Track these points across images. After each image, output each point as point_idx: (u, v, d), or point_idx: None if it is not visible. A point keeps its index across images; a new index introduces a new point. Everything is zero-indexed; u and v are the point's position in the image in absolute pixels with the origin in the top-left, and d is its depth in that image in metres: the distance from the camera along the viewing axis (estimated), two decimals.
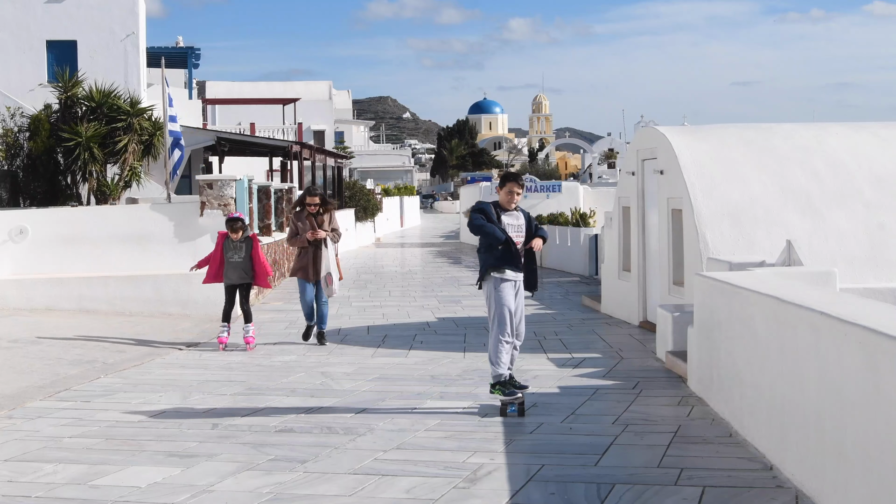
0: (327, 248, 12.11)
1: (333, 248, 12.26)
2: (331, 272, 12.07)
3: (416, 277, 24.33)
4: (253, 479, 6.21)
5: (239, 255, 12.18)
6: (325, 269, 12.07)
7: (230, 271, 12.26)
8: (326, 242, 12.14)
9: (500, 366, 8.08)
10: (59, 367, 10.61)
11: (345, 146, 65.22)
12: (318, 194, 12.40)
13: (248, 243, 12.26)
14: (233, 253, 12.23)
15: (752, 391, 6.83)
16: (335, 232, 12.37)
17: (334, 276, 12.11)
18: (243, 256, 12.20)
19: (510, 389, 8.09)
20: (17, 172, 21.44)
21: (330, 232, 12.25)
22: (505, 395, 8.06)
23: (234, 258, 12.22)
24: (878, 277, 11.03)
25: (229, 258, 12.24)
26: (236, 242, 12.22)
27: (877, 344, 4.62)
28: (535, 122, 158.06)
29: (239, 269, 12.23)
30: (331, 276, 12.05)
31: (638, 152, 14.19)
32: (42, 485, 6.16)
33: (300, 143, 33.90)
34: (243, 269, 12.24)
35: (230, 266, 12.25)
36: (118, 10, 27.75)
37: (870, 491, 4.72)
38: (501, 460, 6.57)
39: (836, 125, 13.63)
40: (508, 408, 8.02)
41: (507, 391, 8.09)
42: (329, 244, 12.16)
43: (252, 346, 12.14)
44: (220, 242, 12.37)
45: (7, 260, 16.26)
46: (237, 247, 12.23)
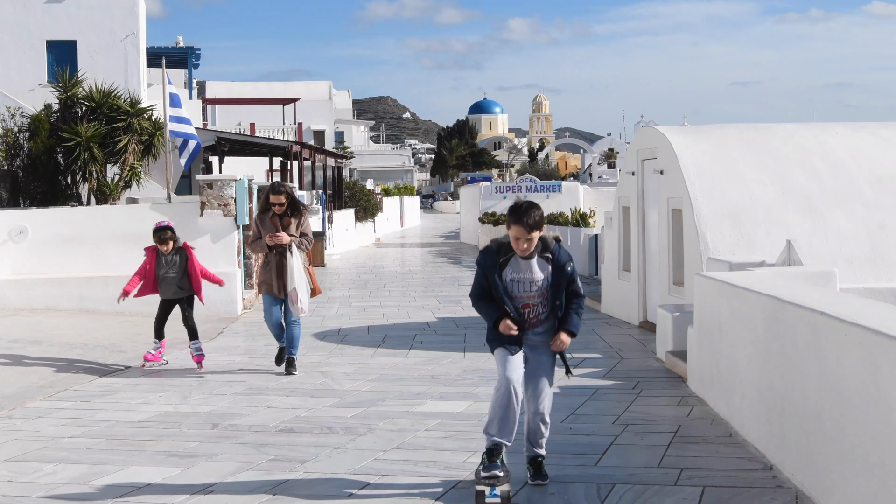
0: (292, 255, 10.05)
1: (301, 257, 10.22)
2: (297, 287, 10.04)
3: (416, 277, 24.33)
4: (253, 479, 6.20)
5: (173, 271, 10.50)
6: (291, 283, 10.06)
7: (165, 288, 10.60)
8: (292, 250, 10.07)
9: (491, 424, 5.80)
10: (59, 367, 10.61)
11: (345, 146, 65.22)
12: (283, 192, 10.23)
13: (181, 255, 10.56)
14: (166, 269, 10.52)
15: (752, 391, 6.83)
16: (304, 238, 10.28)
17: (301, 291, 10.06)
18: (178, 271, 10.52)
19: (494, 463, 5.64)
20: (17, 172, 21.45)
21: (298, 237, 10.20)
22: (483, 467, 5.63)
23: (168, 274, 10.53)
24: (878, 277, 11.03)
25: (162, 275, 10.54)
26: (168, 256, 10.52)
27: (877, 344, 4.61)
28: (535, 122, 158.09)
29: (173, 285, 10.58)
30: (296, 292, 10.02)
31: (638, 152, 14.19)
32: (42, 485, 6.15)
33: (300, 143, 33.90)
34: (178, 285, 10.58)
35: (164, 283, 10.58)
36: (118, 10, 27.76)
37: (870, 491, 4.72)
38: None
39: (837, 125, 13.63)
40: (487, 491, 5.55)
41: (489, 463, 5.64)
42: (295, 252, 10.09)
43: (201, 365, 10.55)
44: (149, 259, 10.61)
45: (7, 260, 16.25)
46: (170, 261, 10.52)
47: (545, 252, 5.85)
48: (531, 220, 5.71)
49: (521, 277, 5.82)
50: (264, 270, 10.26)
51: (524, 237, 5.72)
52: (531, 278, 5.82)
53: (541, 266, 5.83)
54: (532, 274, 5.82)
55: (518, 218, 5.71)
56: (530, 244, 5.75)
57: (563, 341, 5.82)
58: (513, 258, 5.82)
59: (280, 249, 10.08)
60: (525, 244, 5.73)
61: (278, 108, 49.19)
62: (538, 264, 5.83)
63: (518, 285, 5.83)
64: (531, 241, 5.74)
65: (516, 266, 5.83)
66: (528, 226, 5.71)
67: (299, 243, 10.18)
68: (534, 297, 5.84)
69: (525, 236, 5.72)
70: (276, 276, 10.11)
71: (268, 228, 10.11)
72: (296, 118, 46.88)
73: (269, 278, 10.16)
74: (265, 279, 10.21)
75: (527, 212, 5.72)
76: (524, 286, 5.83)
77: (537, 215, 5.70)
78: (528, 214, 5.71)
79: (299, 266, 10.07)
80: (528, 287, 5.82)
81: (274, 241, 10.01)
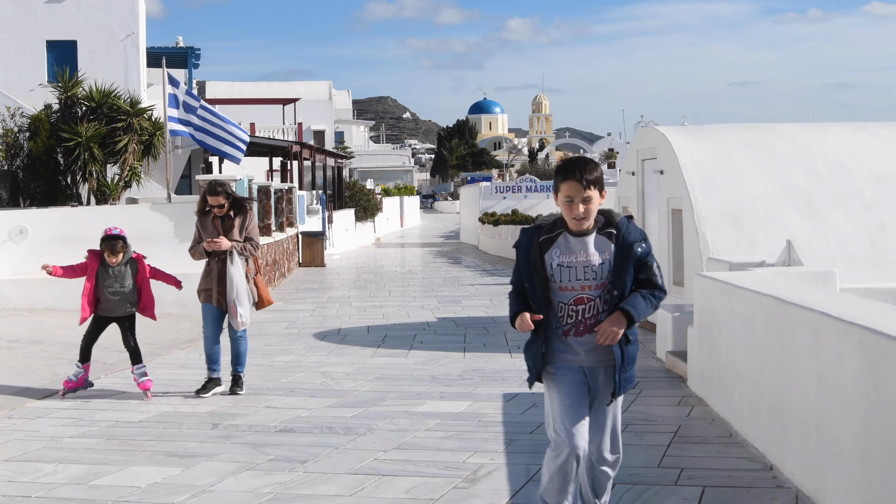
0: (233, 263, 8.96)
1: (243, 264, 9.08)
2: (236, 298, 8.97)
3: (416, 277, 24.33)
4: (253, 479, 6.21)
5: (121, 284, 8.94)
6: (230, 294, 8.95)
7: (112, 305, 8.98)
8: (232, 257, 9.00)
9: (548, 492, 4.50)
10: (59, 367, 10.60)
11: (345, 146, 65.21)
12: (221, 192, 9.13)
13: (132, 267, 9.04)
14: (112, 282, 8.92)
15: (752, 391, 6.83)
16: (249, 242, 9.16)
17: (241, 304, 8.99)
18: (127, 284, 8.96)
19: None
20: (17, 172, 21.45)
21: (241, 242, 9.11)
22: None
23: (115, 289, 8.94)
24: (878, 277, 11.03)
25: (108, 287, 8.93)
26: (117, 268, 8.93)
27: (877, 344, 4.61)
28: (535, 122, 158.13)
29: (124, 302, 9.03)
30: (235, 305, 8.97)
31: (638, 152, 14.19)
32: (42, 485, 6.16)
33: (300, 144, 33.92)
34: (129, 301, 9.04)
35: (111, 300, 8.96)
36: (118, 10, 27.77)
37: (870, 491, 4.71)
38: (501, 460, 6.57)
39: (836, 125, 13.63)
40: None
41: None
42: (236, 259, 8.99)
43: (150, 392, 9.01)
44: (91, 268, 8.99)
45: (7, 260, 16.26)
46: (118, 274, 8.93)
47: (608, 227, 4.39)
48: (589, 174, 4.29)
49: (573, 261, 4.33)
50: (204, 278, 9.25)
51: (579, 196, 4.28)
52: (587, 261, 4.33)
53: (600, 245, 4.36)
54: (588, 255, 4.34)
55: (570, 170, 4.30)
56: (588, 209, 4.30)
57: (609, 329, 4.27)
58: (560, 236, 4.38)
59: (222, 256, 9.05)
60: (581, 207, 4.29)
61: (278, 108, 49.20)
62: (596, 243, 4.36)
63: (569, 272, 4.33)
64: (590, 202, 4.30)
65: (566, 246, 4.36)
66: (585, 181, 4.28)
67: (241, 249, 9.06)
68: (590, 289, 4.33)
69: (581, 195, 4.28)
70: (216, 284, 9.07)
71: (208, 232, 9.12)
72: (296, 118, 46.90)
73: (209, 286, 9.16)
74: (204, 287, 9.21)
75: (582, 165, 4.33)
76: (577, 272, 4.32)
77: (597, 170, 4.35)
78: (585, 168, 4.31)
79: (240, 275, 9.00)
80: (583, 273, 4.32)
81: (212, 248, 8.98)
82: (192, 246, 9.27)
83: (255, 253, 9.23)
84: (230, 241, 9.03)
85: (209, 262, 9.18)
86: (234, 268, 8.99)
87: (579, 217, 4.31)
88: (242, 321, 9.04)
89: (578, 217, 4.31)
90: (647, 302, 4.41)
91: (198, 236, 9.22)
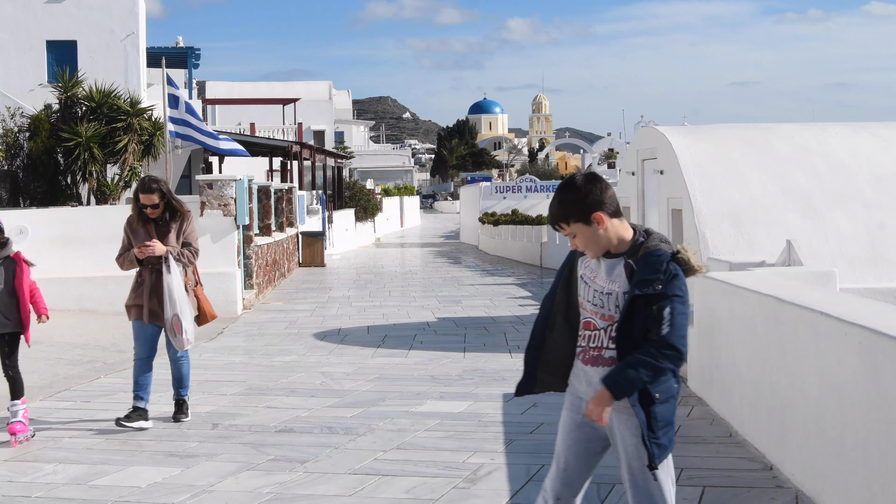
0: (170, 272, 7.71)
1: (181, 273, 7.86)
2: (179, 313, 7.71)
3: (416, 277, 24.33)
4: (253, 479, 6.21)
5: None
6: (171, 308, 7.71)
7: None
8: (169, 264, 7.73)
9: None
10: (59, 367, 10.60)
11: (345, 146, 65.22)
12: (156, 189, 7.80)
13: (7, 269, 7.38)
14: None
15: (752, 391, 6.83)
16: (188, 248, 7.94)
17: (185, 319, 7.75)
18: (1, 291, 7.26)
19: None
20: (17, 172, 21.46)
21: (178, 248, 7.86)
22: None
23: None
24: (878, 277, 11.03)
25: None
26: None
27: (877, 344, 4.61)
28: (535, 122, 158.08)
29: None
30: (178, 320, 7.71)
31: (638, 152, 14.19)
32: (42, 485, 6.16)
33: (300, 143, 33.93)
34: (3, 313, 7.28)
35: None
36: (118, 10, 27.77)
37: (870, 491, 4.72)
38: (501, 460, 6.57)
39: (837, 125, 13.63)
40: None
41: None
42: (174, 268, 7.73)
43: (20, 437, 7.17)
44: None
45: None
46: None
47: (634, 255, 3.75)
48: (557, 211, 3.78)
49: (591, 278, 3.85)
50: (135, 291, 7.95)
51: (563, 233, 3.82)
52: (598, 284, 3.81)
53: (615, 273, 3.77)
54: (600, 279, 3.81)
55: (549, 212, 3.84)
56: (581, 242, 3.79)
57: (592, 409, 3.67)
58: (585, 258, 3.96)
59: (155, 265, 7.82)
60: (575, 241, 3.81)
61: (278, 108, 49.20)
62: (611, 268, 3.78)
63: (585, 288, 3.87)
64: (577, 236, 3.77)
65: (591, 261, 3.89)
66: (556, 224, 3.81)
67: (179, 255, 7.85)
68: (597, 316, 3.80)
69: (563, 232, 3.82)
70: (148, 298, 7.82)
71: (140, 238, 7.85)
72: (296, 118, 46.89)
73: (140, 301, 7.87)
74: (135, 301, 7.91)
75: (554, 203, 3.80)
76: (590, 292, 3.83)
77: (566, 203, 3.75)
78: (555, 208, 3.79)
79: (180, 285, 7.78)
80: (594, 296, 3.82)
81: (145, 254, 7.73)
82: (121, 254, 7.99)
83: (194, 261, 8.02)
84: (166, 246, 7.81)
85: (140, 273, 7.93)
86: (173, 277, 7.71)
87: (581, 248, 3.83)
88: (188, 338, 7.82)
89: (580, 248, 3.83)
90: (641, 370, 3.59)
91: (126, 242, 7.99)
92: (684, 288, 3.66)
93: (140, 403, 7.77)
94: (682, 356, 3.61)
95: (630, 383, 3.60)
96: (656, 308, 3.60)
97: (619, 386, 3.60)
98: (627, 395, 3.61)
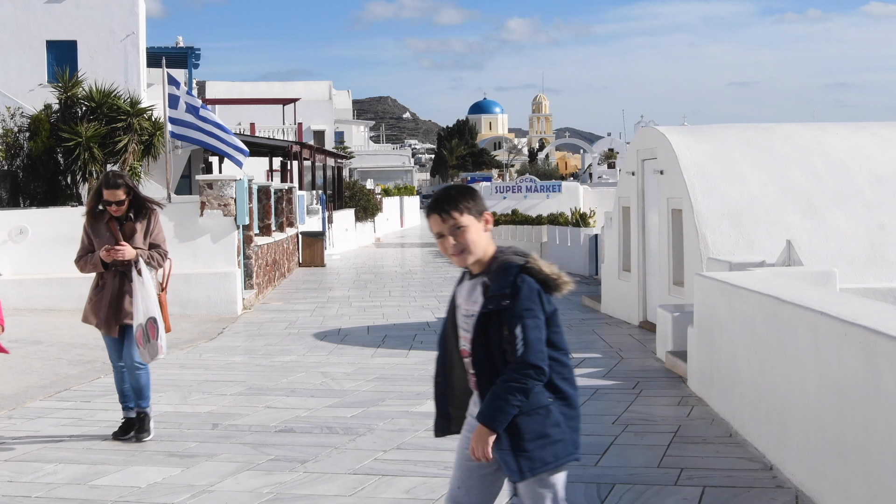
0: (142, 277, 7.03)
1: (153, 278, 7.19)
2: (152, 318, 7.01)
3: (415, 277, 24.33)
4: (253, 479, 6.21)
5: None
6: (138, 316, 7.01)
7: None
8: (139, 268, 7.05)
9: None
10: (59, 367, 10.60)
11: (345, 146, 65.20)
12: (121, 185, 7.12)
13: None
14: None
15: (752, 391, 6.83)
16: (157, 251, 7.27)
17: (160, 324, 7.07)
18: None
19: None
20: (17, 172, 21.46)
21: (145, 250, 7.20)
22: None
23: None
24: (878, 277, 11.03)
25: None
26: None
27: (877, 344, 4.61)
28: (535, 122, 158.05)
29: None
30: (154, 325, 7.02)
31: (638, 152, 14.19)
32: (42, 485, 6.16)
33: (300, 143, 33.93)
34: None
35: None
36: (118, 10, 27.76)
37: (870, 491, 4.72)
38: None
39: (836, 125, 13.64)
40: None
41: None
42: (146, 273, 7.06)
43: None
44: None
45: (7, 260, 16.25)
46: None
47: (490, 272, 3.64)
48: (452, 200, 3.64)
49: (461, 303, 3.77)
50: (95, 298, 7.23)
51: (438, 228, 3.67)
52: (465, 310, 3.72)
53: (476, 294, 3.68)
54: (464, 303, 3.74)
55: (431, 204, 3.69)
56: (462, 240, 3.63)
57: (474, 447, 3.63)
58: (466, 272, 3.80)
59: (119, 268, 7.13)
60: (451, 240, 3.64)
61: (278, 108, 49.19)
62: (475, 289, 3.69)
63: (459, 315, 3.78)
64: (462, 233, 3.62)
65: (463, 284, 3.81)
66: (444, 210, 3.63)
67: (149, 258, 7.17)
68: (467, 341, 3.69)
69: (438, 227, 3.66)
70: (109, 304, 7.12)
71: (104, 238, 7.16)
72: (296, 118, 46.88)
73: (100, 308, 7.17)
74: (94, 308, 7.21)
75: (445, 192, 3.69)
76: (461, 319, 3.76)
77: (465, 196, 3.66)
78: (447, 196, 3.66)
79: (152, 291, 7.08)
80: (463, 322, 3.74)
81: (113, 257, 7.02)
82: (80, 256, 7.27)
83: (163, 263, 7.31)
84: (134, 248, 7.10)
85: (102, 277, 7.22)
86: (146, 283, 7.02)
87: (453, 253, 3.64)
88: (162, 345, 7.06)
89: (452, 253, 3.65)
90: (509, 397, 3.50)
91: (87, 243, 7.25)
92: (535, 299, 3.54)
93: (131, 414, 7.36)
94: (543, 371, 3.51)
95: (503, 413, 3.51)
96: (507, 329, 3.51)
97: (492, 420, 3.53)
98: (503, 425, 3.52)
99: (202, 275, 15.89)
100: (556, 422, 3.59)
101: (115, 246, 7.01)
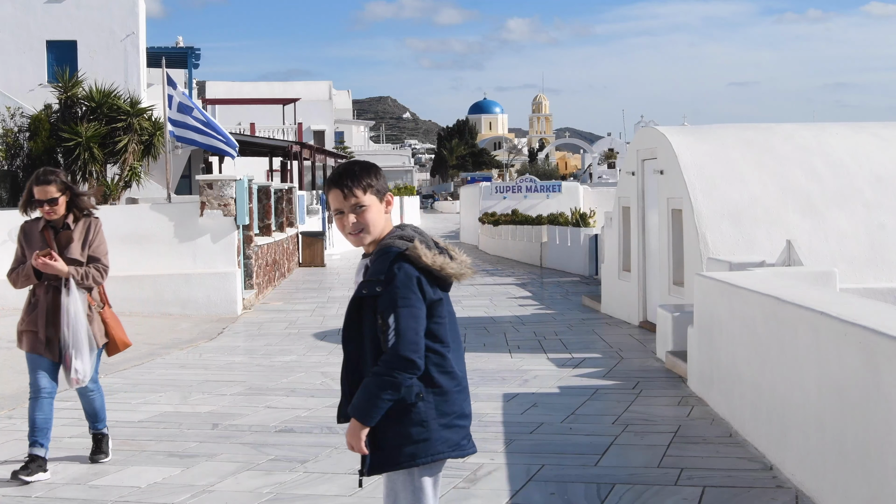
0: (69, 296, 6.24)
1: (84, 297, 6.35)
2: (72, 347, 6.27)
3: None
4: (253, 479, 6.21)
5: None
6: (69, 337, 6.26)
7: None
8: (70, 288, 6.23)
9: None
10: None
11: (345, 146, 65.23)
12: (54, 181, 6.22)
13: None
14: None
15: (752, 391, 6.83)
16: (96, 265, 6.38)
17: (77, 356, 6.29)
18: None
19: None
20: (17, 172, 21.47)
21: (82, 264, 6.33)
22: None
23: None
24: (878, 277, 11.03)
25: None
26: None
27: (877, 344, 4.61)
28: (535, 122, 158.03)
29: None
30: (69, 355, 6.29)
31: (638, 152, 14.18)
32: (42, 485, 6.16)
33: (300, 143, 33.94)
34: None
35: None
36: (118, 10, 27.78)
37: (870, 491, 4.72)
38: (501, 460, 6.57)
39: (836, 125, 13.64)
40: None
41: None
42: (73, 291, 6.24)
43: None
44: None
45: (7, 260, 16.25)
46: None
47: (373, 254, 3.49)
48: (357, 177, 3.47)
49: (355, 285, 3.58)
50: (28, 314, 6.44)
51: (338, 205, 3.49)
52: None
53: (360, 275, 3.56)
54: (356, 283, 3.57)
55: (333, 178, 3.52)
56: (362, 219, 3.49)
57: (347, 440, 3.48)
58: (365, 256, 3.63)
59: (53, 282, 6.29)
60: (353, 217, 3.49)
61: (278, 108, 49.21)
62: (361, 270, 3.57)
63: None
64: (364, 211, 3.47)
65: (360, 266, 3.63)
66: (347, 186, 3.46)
67: (83, 276, 6.28)
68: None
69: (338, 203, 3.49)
70: (44, 324, 6.32)
71: (36, 246, 6.29)
72: (296, 118, 46.90)
73: (33, 327, 6.37)
74: (28, 327, 6.40)
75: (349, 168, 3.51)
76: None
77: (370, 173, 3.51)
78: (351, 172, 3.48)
79: (80, 313, 6.27)
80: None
81: (45, 269, 6.17)
82: (13, 268, 6.44)
83: (101, 281, 6.42)
84: (68, 260, 6.25)
85: (34, 291, 6.41)
86: (72, 302, 6.22)
87: (351, 232, 3.48)
88: (78, 378, 6.32)
89: (350, 232, 3.49)
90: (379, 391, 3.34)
91: (20, 253, 6.40)
92: (411, 286, 3.35)
93: (37, 451, 6.24)
94: (415, 364, 3.32)
95: (375, 407, 3.35)
96: (380, 318, 3.35)
97: (364, 413, 3.37)
98: (376, 419, 3.37)
99: (202, 275, 15.89)
100: (422, 420, 3.42)
101: (48, 258, 6.13)
